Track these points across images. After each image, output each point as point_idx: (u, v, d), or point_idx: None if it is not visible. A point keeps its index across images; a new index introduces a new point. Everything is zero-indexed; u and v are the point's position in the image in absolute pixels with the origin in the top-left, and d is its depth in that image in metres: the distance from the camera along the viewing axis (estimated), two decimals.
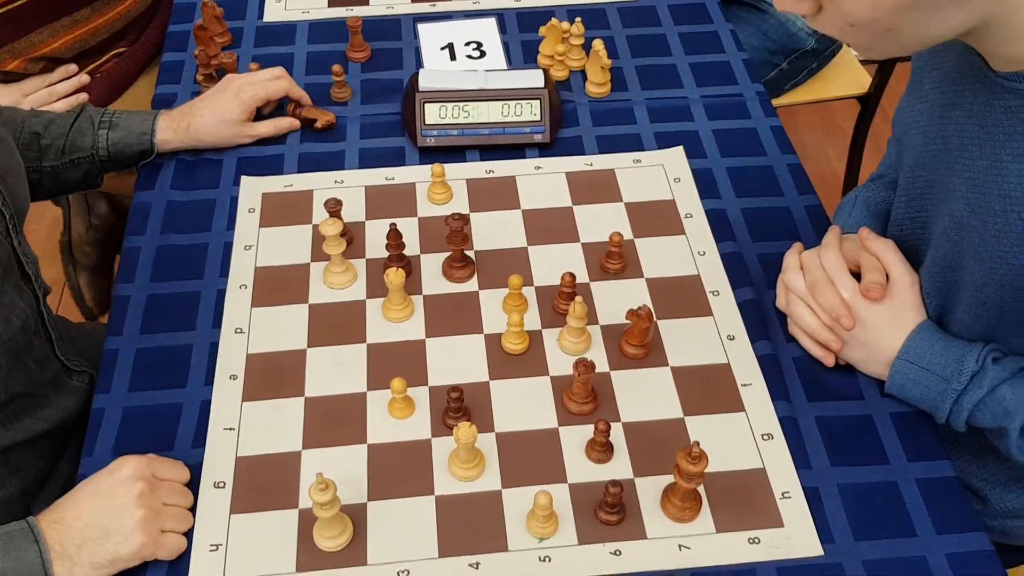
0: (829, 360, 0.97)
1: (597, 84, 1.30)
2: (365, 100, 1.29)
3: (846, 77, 1.85)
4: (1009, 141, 0.78)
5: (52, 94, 1.41)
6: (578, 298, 0.97)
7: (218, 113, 1.18)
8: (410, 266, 1.07)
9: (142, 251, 1.10)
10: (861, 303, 0.94)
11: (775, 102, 1.81)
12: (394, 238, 1.04)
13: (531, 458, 0.91)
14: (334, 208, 1.05)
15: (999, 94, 0.78)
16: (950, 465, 0.91)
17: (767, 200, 1.16)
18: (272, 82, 1.22)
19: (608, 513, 0.86)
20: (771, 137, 1.25)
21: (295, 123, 1.24)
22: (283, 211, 1.14)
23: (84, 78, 1.45)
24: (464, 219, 1.03)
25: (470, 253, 1.09)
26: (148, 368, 0.99)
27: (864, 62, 1.92)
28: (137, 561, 0.81)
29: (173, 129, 1.17)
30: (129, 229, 1.13)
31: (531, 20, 1.42)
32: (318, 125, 1.23)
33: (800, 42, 1.68)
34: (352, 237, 1.10)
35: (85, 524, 0.80)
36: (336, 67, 1.26)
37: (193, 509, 0.86)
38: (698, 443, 0.82)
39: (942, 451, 0.92)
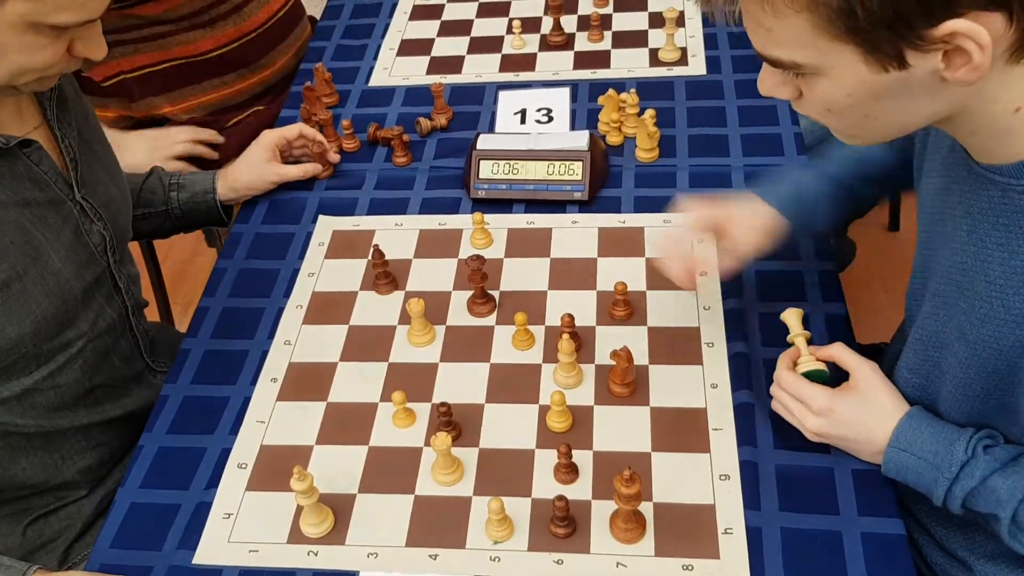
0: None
1: (645, 150, 1.41)
2: (437, 156, 1.47)
3: None
4: (994, 230, 0.81)
5: (195, 133, 1.67)
6: (565, 335, 1.08)
7: (246, 159, 1.39)
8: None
9: (227, 272, 1.31)
10: (838, 403, 0.95)
11: None
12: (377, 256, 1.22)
13: (505, 472, 1.02)
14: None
15: (983, 184, 0.81)
16: (900, 524, 0.94)
17: (782, 264, 1.22)
18: (288, 127, 1.42)
19: (557, 526, 0.96)
20: None
21: (319, 168, 1.42)
22: (346, 246, 1.33)
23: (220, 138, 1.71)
24: (481, 260, 1.17)
25: (495, 293, 1.22)
26: (210, 366, 1.18)
27: None
28: None
29: (223, 184, 1.38)
30: (222, 253, 1.35)
31: (601, 90, 1.54)
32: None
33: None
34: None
35: None
36: (345, 122, 1.48)
37: None
38: (630, 467, 0.90)
39: (895, 510, 0.95)
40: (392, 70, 1.67)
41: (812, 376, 0.98)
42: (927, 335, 0.93)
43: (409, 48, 1.72)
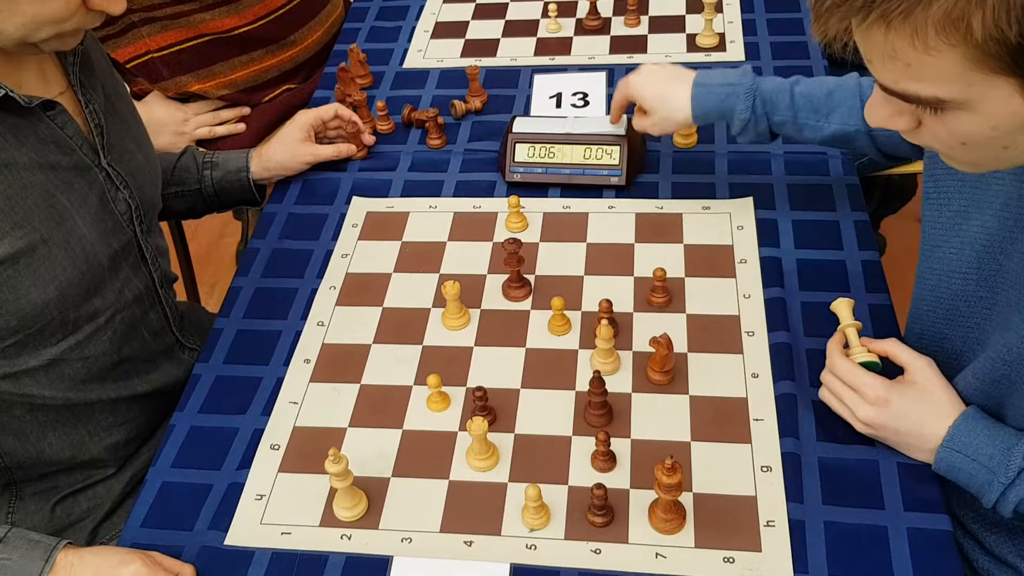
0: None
1: (683, 136, 1.38)
2: (472, 139, 1.45)
3: None
4: None
5: (216, 117, 1.67)
6: (604, 321, 1.06)
7: (280, 138, 1.39)
8: None
9: (260, 252, 1.30)
10: (894, 394, 0.94)
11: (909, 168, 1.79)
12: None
13: (541, 459, 1.01)
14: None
15: None
16: (947, 520, 0.92)
17: (825, 253, 1.20)
18: (324, 107, 1.41)
19: (595, 515, 0.94)
20: (844, 194, 1.28)
21: (352, 147, 1.41)
22: (380, 228, 1.31)
23: (245, 110, 1.70)
24: (518, 243, 1.15)
25: (530, 277, 1.21)
26: (242, 346, 1.17)
27: None
28: None
29: (256, 163, 1.37)
30: (255, 233, 1.34)
31: None
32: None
33: None
34: None
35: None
36: (380, 103, 1.47)
37: None
38: (672, 456, 0.88)
39: (942, 506, 0.93)
40: (426, 52, 1.65)
41: (865, 367, 0.95)
42: (1004, 347, 0.88)
43: (443, 30, 1.70)
